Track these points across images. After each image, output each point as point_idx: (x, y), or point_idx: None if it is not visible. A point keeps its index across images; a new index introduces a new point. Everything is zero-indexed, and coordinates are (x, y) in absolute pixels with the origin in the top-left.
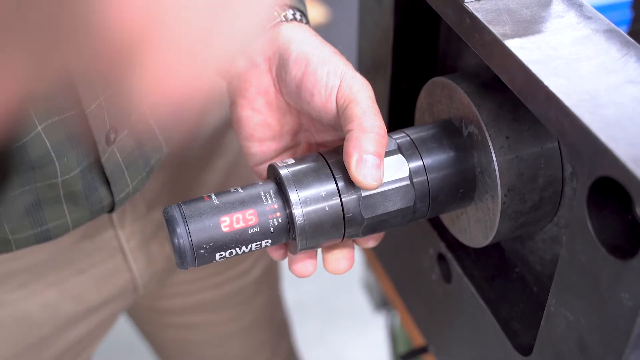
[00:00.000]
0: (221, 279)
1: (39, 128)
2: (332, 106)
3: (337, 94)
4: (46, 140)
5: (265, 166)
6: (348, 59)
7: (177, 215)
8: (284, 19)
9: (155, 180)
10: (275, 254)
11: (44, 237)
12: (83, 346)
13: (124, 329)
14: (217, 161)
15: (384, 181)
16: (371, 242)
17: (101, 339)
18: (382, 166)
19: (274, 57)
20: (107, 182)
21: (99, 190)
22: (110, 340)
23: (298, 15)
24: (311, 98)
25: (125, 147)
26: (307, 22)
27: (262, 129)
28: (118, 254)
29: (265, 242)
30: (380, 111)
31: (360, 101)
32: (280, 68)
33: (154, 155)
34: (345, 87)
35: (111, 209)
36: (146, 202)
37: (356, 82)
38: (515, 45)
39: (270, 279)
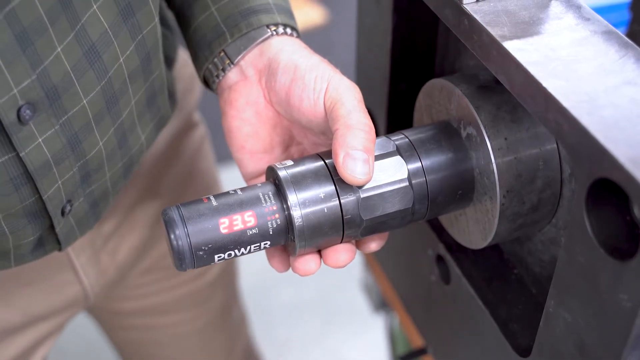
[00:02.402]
0: (176, 281)
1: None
2: (320, 109)
3: (324, 97)
4: (3, 223)
5: (258, 180)
6: (347, 60)
7: (176, 217)
8: (274, 33)
9: None
10: (278, 265)
11: None
12: (33, 351)
13: (89, 326)
14: (170, 170)
15: (382, 183)
16: (373, 246)
17: (52, 342)
18: (371, 161)
19: (264, 69)
20: (58, 241)
21: (46, 247)
22: (71, 341)
23: (289, 30)
24: (300, 103)
25: (79, 212)
26: (298, 36)
27: (252, 140)
28: (68, 268)
29: (264, 244)
30: (379, 112)
31: (346, 102)
32: (270, 77)
33: (104, 209)
34: (332, 90)
35: (58, 249)
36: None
37: (343, 84)
38: (513, 46)
39: (226, 280)
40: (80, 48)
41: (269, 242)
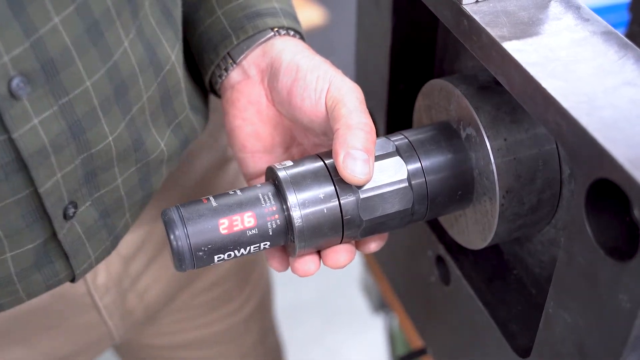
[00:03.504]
0: (210, 318)
1: None
2: (321, 109)
3: (326, 97)
4: None
5: (259, 179)
6: (346, 60)
7: (176, 218)
8: (277, 34)
9: (132, 233)
10: (277, 266)
11: None
12: None
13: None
14: None
15: (382, 183)
16: (373, 246)
17: None
18: (371, 161)
19: (267, 69)
20: (66, 256)
21: (55, 264)
22: None
23: (291, 32)
24: (302, 103)
25: (86, 219)
26: (302, 38)
27: (253, 139)
28: (92, 310)
29: (264, 245)
30: (378, 113)
31: (347, 102)
32: (272, 77)
33: (119, 223)
34: (334, 90)
35: (72, 279)
36: (122, 256)
37: (345, 85)
38: (513, 47)
39: (262, 313)
40: (82, 22)
41: (268, 243)
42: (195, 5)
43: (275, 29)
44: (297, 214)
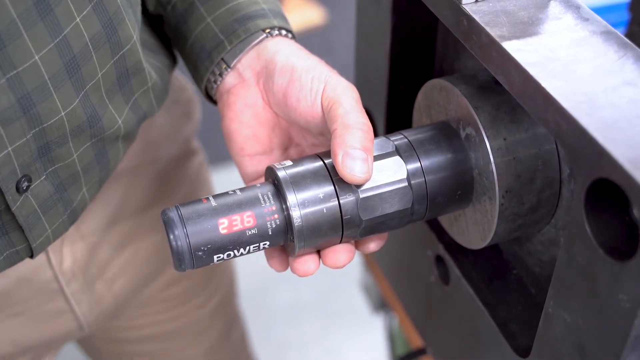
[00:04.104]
0: (175, 313)
1: None
2: (318, 110)
3: (321, 97)
4: None
5: (257, 181)
6: (346, 60)
7: (175, 217)
8: (269, 35)
9: (97, 220)
10: (277, 265)
11: None
12: None
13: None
14: (168, 198)
15: (381, 183)
16: (372, 246)
17: None
18: (370, 160)
19: (262, 71)
20: (21, 229)
21: (9, 235)
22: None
23: (283, 32)
24: (297, 104)
25: (41, 193)
26: (293, 37)
27: (251, 142)
28: (59, 296)
29: (263, 244)
30: (378, 113)
31: (344, 102)
32: (267, 79)
33: (75, 197)
34: (330, 90)
35: (30, 255)
36: (88, 242)
37: (340, 85)
38: (512, 47)
39: (226, 306)
40: None
41: (268, 243)
42: (183, 16)
43: (267, 30)
44: (296, 214)
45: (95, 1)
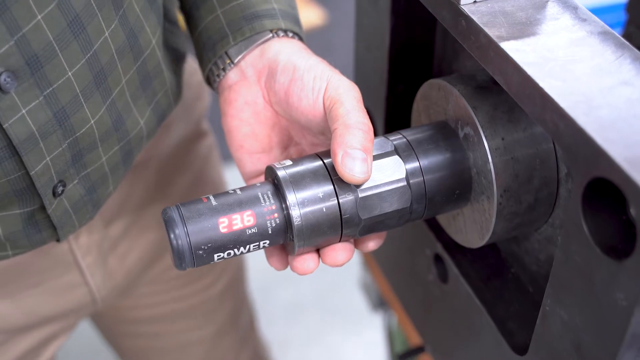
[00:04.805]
0: (184, 292)
1: None
2: (319, 109)
3: (323, 96)
4: None
5: (257, 179)
6: (345, 61)
7: (176, 217)
8: (275, 36)
9: (112, 198)
10: (277, 264)
11: None
12: (40, 350)
13: (88, 332)
14: (179, 177)
15: (380, 182)
16: (371, 245)
17: (61, 343)
18: (370, 160)
19: (264, 69)
20: (53, 226)
21: (42, 233)
22: (74, 343)
23: (290, 34)
24: (299, 103)
25: (74, 195)
26: (301, 39)
27: (250, 140)
28: (74, 268)
29: (263, 243)
30: (377, 113)
31: (345, 101)
32: (270, 78)
33: (103, 196)
34: (331, 89)
35: (57, 239)
36: (103, 219)
37: (342, 85)
38: (510, 47)
39: (235, 289)
40: (64, 18)
41: (268, 242)
42: (196, 3)
43: (274, 31)
44: (296, 213)
45: (120, 14)
